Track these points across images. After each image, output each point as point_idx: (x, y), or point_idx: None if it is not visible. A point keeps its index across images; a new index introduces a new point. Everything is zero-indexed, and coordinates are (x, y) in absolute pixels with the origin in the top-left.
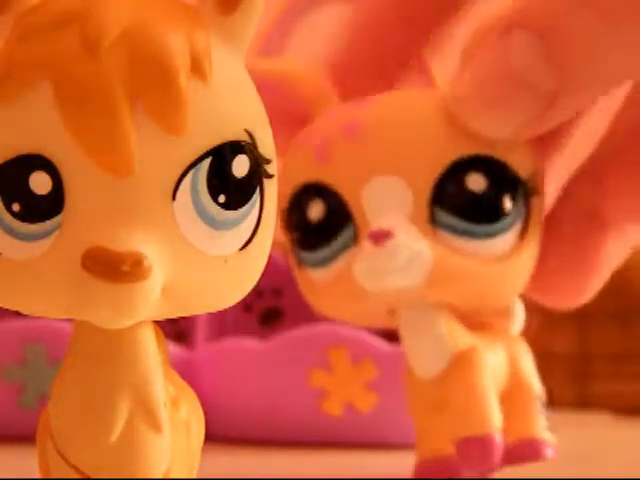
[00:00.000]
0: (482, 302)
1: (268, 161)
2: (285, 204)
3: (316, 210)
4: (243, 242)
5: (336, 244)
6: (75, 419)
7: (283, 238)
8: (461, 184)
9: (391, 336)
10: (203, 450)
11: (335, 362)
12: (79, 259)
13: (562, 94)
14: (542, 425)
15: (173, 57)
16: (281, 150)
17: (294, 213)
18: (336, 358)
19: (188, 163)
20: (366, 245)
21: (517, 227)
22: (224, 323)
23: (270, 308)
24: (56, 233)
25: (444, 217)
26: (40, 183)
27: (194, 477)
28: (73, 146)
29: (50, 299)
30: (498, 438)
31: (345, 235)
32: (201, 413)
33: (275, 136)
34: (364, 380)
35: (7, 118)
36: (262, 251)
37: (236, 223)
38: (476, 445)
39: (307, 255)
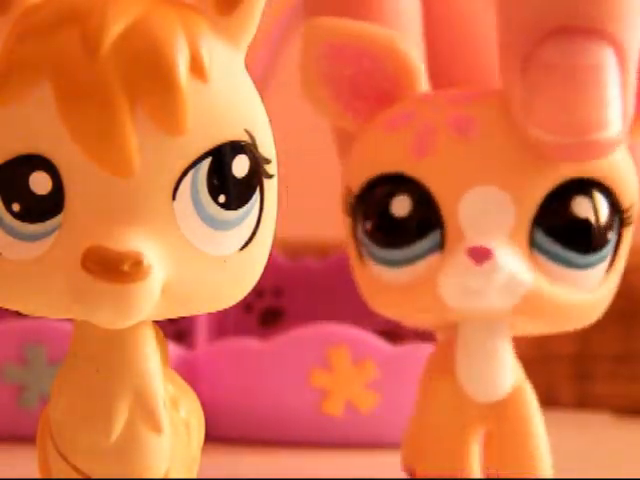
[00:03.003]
0: (550, 329)
1: (268, 161)
2: (357, 188)
3: (401, 205)
4: (243, 242)
5: (418, 247)
6: (75, 419)
7: (285, 236)
8: (566, 207)
9: (392, 336)
10: (203, 450)
11: (335, 362)
12: (79, 259)
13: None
14: None
15: (173, 57)
16: (360, 124)
17: (371, 201)
18: (336, 358)
19: (188, 163)
20: (462, 260)
21: (609, 259)
22: (224, 323)
23: (270, 308)
24: (56, 233)
25: (544, 241)
26: (40, 183)
27: (194, 477)
28: (73, 146)
29: (50, 299)
30: None
31: (430, 239)
32: (201, 413)
33: (356, 109)
34: (365, 380)
35: (7, 118)
36: (262, 251)
37: (236, 223)
38: None
39: (378, 251)
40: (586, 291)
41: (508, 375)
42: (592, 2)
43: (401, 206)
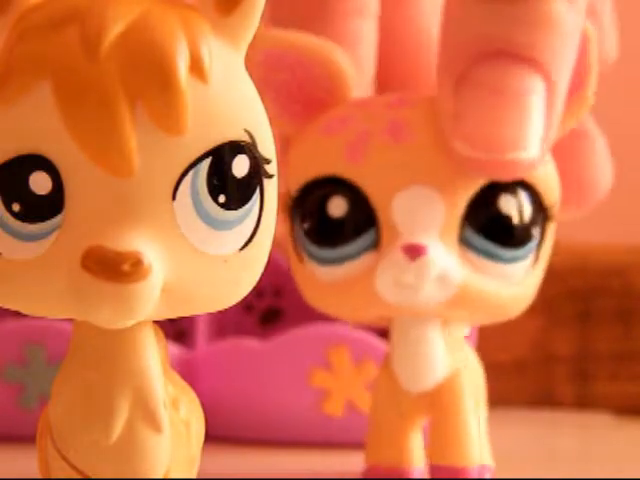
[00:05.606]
0: (482, 321)
1: (268, 161)
2: (296, 190)
3: (337, 206)
4: (243, 242)
5: (354, 246)
6: (75, 419)
7: (283, 235)
8: (494, 205)
9: None
10: (203, 450)
11: (336, 362)
12: (79, 259)
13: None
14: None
15: (173, 57)
16: (294, 129)
17: (308, 203)
18: (337, 358)
19: (188, 163)
20: (397, 256)
21: (534, 253)
22: (224, 323)
23: (270, 308)
24: (56, 233)
25: (473, 237)
26: (40, 183)
27: (194, 477)
28: (73, 146)
29: (50, 299)
30: (476, 471)
31: (365, 238)
32: (201, 413)
33: (292, 114)
34: (365, 380)
35: (7, 118)
36: (262, 251)
37: (236, 223)
38: (454, 475)
39: (316, 250)
40: (514, 284)
41: (439, 366)
42: (529, 32)
43: (337, 207)
